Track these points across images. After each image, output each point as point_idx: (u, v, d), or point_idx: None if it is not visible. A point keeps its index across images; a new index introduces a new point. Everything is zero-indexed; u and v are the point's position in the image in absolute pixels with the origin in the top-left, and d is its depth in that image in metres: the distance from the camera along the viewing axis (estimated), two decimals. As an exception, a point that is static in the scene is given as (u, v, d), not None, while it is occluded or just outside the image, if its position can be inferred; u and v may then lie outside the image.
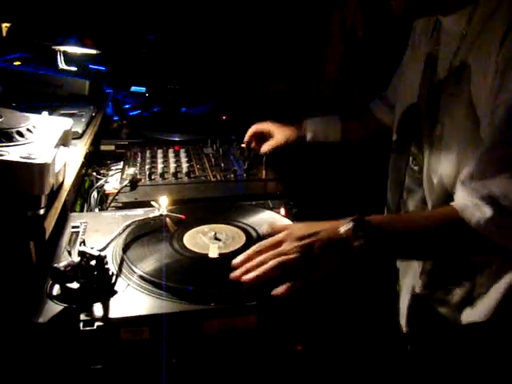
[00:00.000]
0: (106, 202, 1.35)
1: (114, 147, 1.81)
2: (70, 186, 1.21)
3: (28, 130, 1.01)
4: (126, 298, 0.84)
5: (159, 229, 1.06)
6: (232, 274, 0.88)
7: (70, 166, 1.23)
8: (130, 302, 0.83)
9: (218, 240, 1.01)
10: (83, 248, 0.86)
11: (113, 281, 0.88)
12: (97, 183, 1.49)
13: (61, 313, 0.82)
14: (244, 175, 1.48)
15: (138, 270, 0.90)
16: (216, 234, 1.02)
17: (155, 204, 1.12)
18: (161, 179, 1.43)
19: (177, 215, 1.09)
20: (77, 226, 1.08)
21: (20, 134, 0.98)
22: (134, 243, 1.00)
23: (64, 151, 1.12)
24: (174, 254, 0.97)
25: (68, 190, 1.18)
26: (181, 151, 1.68)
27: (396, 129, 1.26)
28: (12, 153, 0.89)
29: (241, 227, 1.07)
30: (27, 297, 0.86)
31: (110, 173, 1.58)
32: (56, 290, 0.87)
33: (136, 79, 2.84)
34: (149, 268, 0.91)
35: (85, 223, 1.10)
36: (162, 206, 1.11)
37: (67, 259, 0.86)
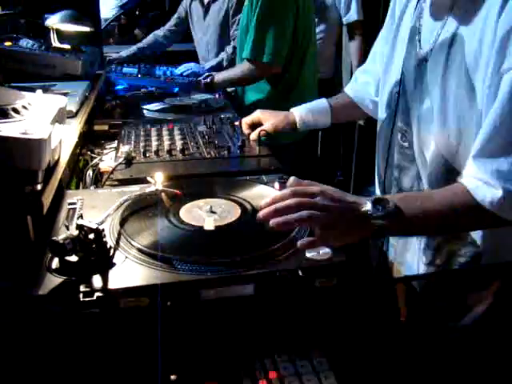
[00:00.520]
0: (102, 180, 1.36)
1: (107, 127, 1.82)
2: (66, 163, 1.22)
3: (23, 107, 1.02)
4: (125, 270, 0.86)
5: (155, 204, 1.07)
6: (260, 213, 0.86)
7: (64, 144, 1.24)
8: (129, 274, 0.85)
9: (214, 213, 1.03)
10: (81, 221, 0.88)
11: (111, 254, 0.90)
12: (91, 162, 1.49)
13: (60, 285, 0.84)
14: (238, 152, 1.49)
15: (136, 243, 0.92)
16: (212, 207, 1.04)
17: (151, 180, 1.13)
18: (155, 156, 1.44)
19: (173, 190, 1.11)
20: (73, 203, 1.09)
21: (15, 110, 0.99)
22: (130, 218, 1.02)
23: (59, 129, 1.13)
24: (172, 227, 0.98)
25: (64, 168, 1.18)
26: (174, 129, 1.69)
27: (382, 105, 1.27)
28: (8, 129, 0.90)
29: (236, 201, 1.09)
30: (27, 270, 0.88)
31: (105, 151, 1.59)
32: (55, 263, 0.89)
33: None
34: (146, 241, 0.93)
35: (81, 200, 1.11)
36: (157, 181, 1.12)
37: (65, 233, 0.88)
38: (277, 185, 1.19)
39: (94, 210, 1.07)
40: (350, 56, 3.26)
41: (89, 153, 1.58)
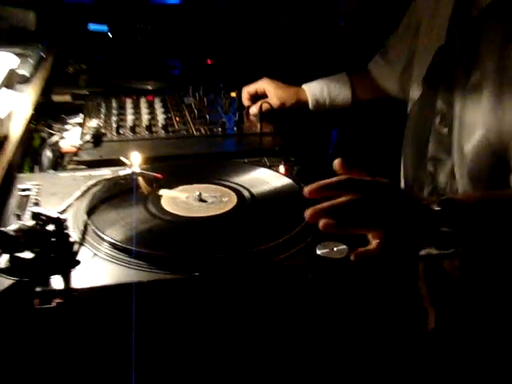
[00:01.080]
0: (63, 163, 1.36)
1: (70, 97, 1.82)
2: (17, 140, 1.22)
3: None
4: (93, 268, 0.87)
5: (131, 190, 1.08)
6: (309, 210, 0.85)
7: (15, 116, 1.24)
8: (98, 273, 0.85)
9: (204, 201, 1.03)
10: (37, 209, 0.88)
11: (75, 250, 0.91)
12: (50, 139, 1.49)
13: (10, 288, 0.84)
14: (235, 129, 1.49)
15: (107, 236, 0.92)
16: (201, 194, 1.04)
17: (125, 161, 1.14)
18: (131, 134, 1.45)
19: (152, 173, 1.11)
20: (27, 189, 1.10)
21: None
22: (100, 206, 1.03)
23: (8, 96, 1.13)
24: (151, 218, 0.99)
25: (14, 146, 1.19)
26: (155, 101, 1.70)
27: (416, 81, 1.27)
28: None
29: (231, 187, 1.10)
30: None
31: (67, 127, 1.59)
32: (4, 261, 0.89)
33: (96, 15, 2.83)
34: (120, 234, 0.93)
35: (37, 185, 1.12)
36: (133, 163, 1.12)
37: (17, 223, 0.88)
38: (282, 168, 1.20)
39: (53, 198, 1.07)
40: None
41: (46, 129, 1.57)
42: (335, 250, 0.89)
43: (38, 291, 0.82)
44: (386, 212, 0.85)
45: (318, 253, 0.89)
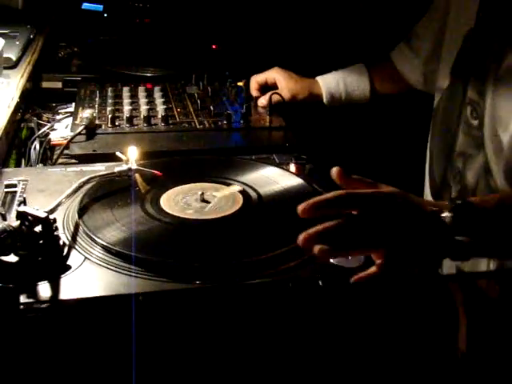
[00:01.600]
0: (53, 156, 1.37)
1: (61, 84, 1.82)
2: (2, 131, 1.23)
3: None
4: (84, 274, 0.87)
5: (127, 188, 1.08)
6: (301, 235, 0.81)
7: (0, 104, 1.25)
8: (89, 280, 0.86)
9: (207, 202, 1.04)
10: (24, 208, 0.88)
11: (65, 253, 0.91)
12: (38, 131, 1.50)
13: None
14: (241, 122, 1.50)
15: (99, 239, 0.93)
16: (204, 194, 1.05)
17: (121, 156, 1.14)
18: (128, 125, 1.45)
19: (151, 170, 1.12)
20: (12, 185, 1.10)
21: None
22: (93, 206, 1.03)
23: (-6, 81, 1.14)
24: (149, 220, 0.99)
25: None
26: (155, 90, 1.70)
27: (444, 69, 1.26)
28: None
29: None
30: None
31: (57, 117, 1.59)
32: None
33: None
34: (115, 237, 0.93)
35: (24, 181, 1.12)
36: (130, 159, 1.13)
37: (1, 223, 0.88)
38: (292, 167, 1.20)
39: (41, 195, 1.08)
40: None
41: (35, 118, 1.58)
42: (350, 259, 0.89)
43: (22, 301, 0.82)
44: (386, 229, 0.84)
45: (332, 261, 0.89)
